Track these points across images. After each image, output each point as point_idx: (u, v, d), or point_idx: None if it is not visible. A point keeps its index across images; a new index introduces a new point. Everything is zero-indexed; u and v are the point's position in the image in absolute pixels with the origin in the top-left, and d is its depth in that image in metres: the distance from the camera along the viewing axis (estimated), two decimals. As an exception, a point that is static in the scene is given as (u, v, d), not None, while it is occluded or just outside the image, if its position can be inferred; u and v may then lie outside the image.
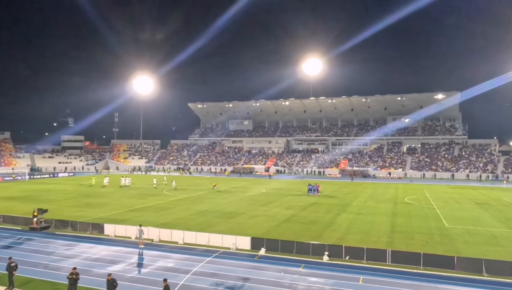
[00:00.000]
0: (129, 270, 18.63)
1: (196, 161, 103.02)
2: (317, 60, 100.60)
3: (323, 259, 20.02)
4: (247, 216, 32.46)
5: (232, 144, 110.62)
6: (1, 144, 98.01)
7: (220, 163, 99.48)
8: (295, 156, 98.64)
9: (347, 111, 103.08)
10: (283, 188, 56.16)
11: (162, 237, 24.13)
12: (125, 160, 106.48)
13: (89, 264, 19.25)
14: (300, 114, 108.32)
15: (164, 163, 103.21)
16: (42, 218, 27.68)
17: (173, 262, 19.70)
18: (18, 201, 40.80)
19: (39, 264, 19.38)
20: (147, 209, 35.67)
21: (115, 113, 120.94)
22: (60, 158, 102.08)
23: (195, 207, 37.29)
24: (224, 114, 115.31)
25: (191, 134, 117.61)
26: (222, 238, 22.88)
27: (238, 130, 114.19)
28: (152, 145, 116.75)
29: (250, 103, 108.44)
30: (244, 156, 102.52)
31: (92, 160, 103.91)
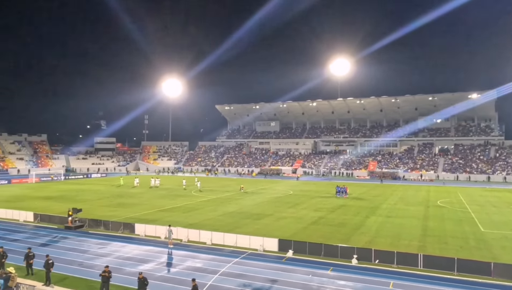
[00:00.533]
0: (159, 269, 19.01)
1: (223, 162, 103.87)
2: (345, 60, 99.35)
3: (351, 262, 19.72)
4: (274, 217, 32.42)
5: (259, 145, 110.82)
6: (38, 146, 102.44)
7: (247, 164, 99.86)
8: (322, 158, 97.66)
9: (376, 112, 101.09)
10: (311, 190, 55.71)
11: (190, 237, 24.48)
12: (154, 161, 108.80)
13: (120, 263, 19.78)
14: (327, 115, 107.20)
15: (192, 165, 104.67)
16: (77, 217, 28.72)
17: (201, 262, 19.94)
18: (54, 200, 42.48)
19: (74, 261, 20.10)
20: (176, 210, 36.29)
21: (145, 116, 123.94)
22: (93, 159, 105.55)
23: (222, 208, 37.61)
24: (251, 116, 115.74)
25: (218, 136, 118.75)
26: (249, 240, 22.96)
27: (265, 131, 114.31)
28: (180, 146, 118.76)
29: (277, 105, 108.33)
30: (271, 157, 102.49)
31: (123, 162, 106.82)
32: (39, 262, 18.08)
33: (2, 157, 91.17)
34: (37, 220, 30.79)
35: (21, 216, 31.80)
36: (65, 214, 29.40)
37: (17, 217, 31.95)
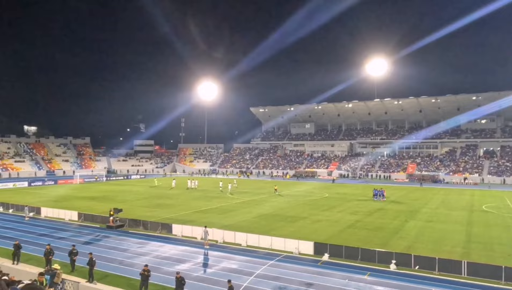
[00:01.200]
0: (195, 269, 19.33)
1: (258, 164, 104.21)
2: (382, 60, 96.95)
3: (390, 268, 19.14)
4: (309, 220, 32.11)
5: (294, 147, 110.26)
6: (82, 148, 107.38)
7: (281, 166, 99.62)
8: (359, 160, 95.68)
9: (415, 113, 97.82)
10: (347, 192, 54.71)
11: (226, 238, 24.73)
12: (190, 163, 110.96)
13: (158, 262, 20.30)
14: (364, 117, 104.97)
15: (227, 167, 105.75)
16: (118, 217, 29.80)
17: (237, 264, 20.08)
18: (96, 200, 44.31)
19: (115, 260, 20.85)
20: (211, 211, 36.79)
21: (181, 119, 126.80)
22: (133, 161, 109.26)
23: (257, 210, 37.71)
24: (285, 118, 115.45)
25: (253, 138, 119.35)
26: (284, 242, 22.86)
27: (299, 133, 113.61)
28: (216, 149, 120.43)
29: (312, 106, 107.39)
30: (306, 159, 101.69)
31: (161, 163, 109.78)
32: (82, 260, 18.91)
33: (50, 159, 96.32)
34: (81, 219, 32.24)
35: (66, 215, 33.44)
36: (107, 214, 30.57)
37: (63, 216, 33.62)
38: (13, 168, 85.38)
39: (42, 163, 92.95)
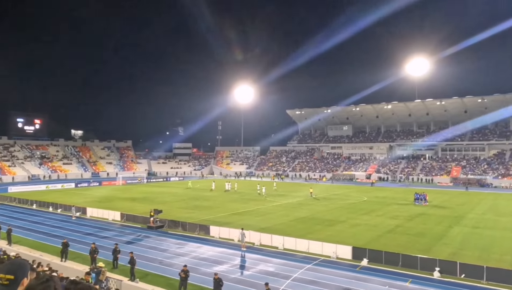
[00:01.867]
0: (232, 271, 19.51)
1: (294, 167, 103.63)
2: (423, 60, 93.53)
3: (433, 275, 18.38)
4: (347, 224, 31.50)
5: (331, 150, 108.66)
6: (124, 151, 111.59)
7: (319, 169, 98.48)
8: (399, 163, 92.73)
9: (459, 113, 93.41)
10: (386, 196, 53.16)
11: (262, 241, 24.77)
12: (227, 166, 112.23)
13: (197, 263, 20.68)
14: (404, 118, 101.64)
15: (264, 169, 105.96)
16: (158, 218, 30.67)
17: (274, 267, 20.05)
18: (138, 202, 45.85)
19: (155, 259, 21.47)
20: (248, 213, 37.00)
21: (218, 122, 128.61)
22: (172, 163, 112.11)
23: (294, 213, 37.48)
24: (322, 120, 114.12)
25: (289, 141, 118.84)
26: (322, 246, 22.58)
27: (337, 135, 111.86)
28: (252, 151, 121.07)
29: (350, 108, 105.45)
30: (343, 162, 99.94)
31: (198, 166, 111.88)
32: (123, 258, 19.62)
33: (94, 161, 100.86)
34: (124, 220, 33.48)
35: (110, 215, 34.87)
36: (148, 215, 31.55)
37: (106, 216, 35.09)
38: (61, 170, 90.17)
39: (87, 165, 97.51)
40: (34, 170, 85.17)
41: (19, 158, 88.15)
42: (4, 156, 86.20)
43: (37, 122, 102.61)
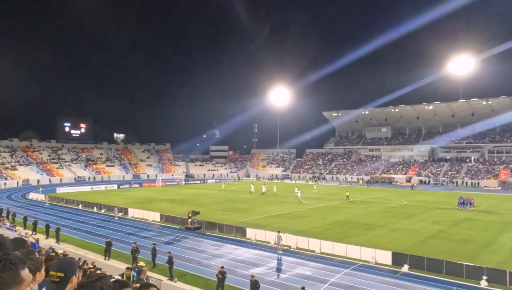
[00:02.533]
0: (269, 273, 19.50)
1: (331, 169, 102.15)
2: (468, 58, 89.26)
3: (480, 284, 17.46)
4: (387, 229, 30.60)
5: (369, 152, 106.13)
6: (163, 154, 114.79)
7: (356, 172, 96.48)
8: (441, 165, 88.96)
9: (508, 113, 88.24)
10: (428, 200, 51.13)
11: (299, 244, 24.59)
12: (263, 168, 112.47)
13: (233, 265, 20.85)
14: (446, 119, 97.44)
15: (300, 172, 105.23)
16: (195, 219, 31.26)
17: (310, 271, 19.84)
18: (176, 203, 46.95)
19: (193, 260, 21.88)
20: (284, 216, 36.86)
21: (254, 124, 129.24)
22: (209, 166, 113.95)
23: (331, 216, 36.93)
24: (360, 122, 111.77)
25: (326, 143, 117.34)
26: (360, 250, 22.08)
27: (375, 137, 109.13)
28: (288, 154, 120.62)
29: (388, 109, 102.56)
30: (382, 165, 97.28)
31: (235, 168, 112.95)
32: (161, 258, 20.15)
33: (135, 163, 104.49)
34: (163, 220, 34.40)
35: (150, 216, 35.96)
36: (186, 216, 32.23)
37: (147, 217, 36.21)
38: (104, 171, 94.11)
39: (129, 167, 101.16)
40: (80, 172, 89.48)
41: (66, 160, 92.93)
42: (53, 158, 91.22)
43: (83, 126, 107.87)
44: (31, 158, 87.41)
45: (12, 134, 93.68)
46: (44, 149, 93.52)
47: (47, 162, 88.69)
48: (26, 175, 78.11)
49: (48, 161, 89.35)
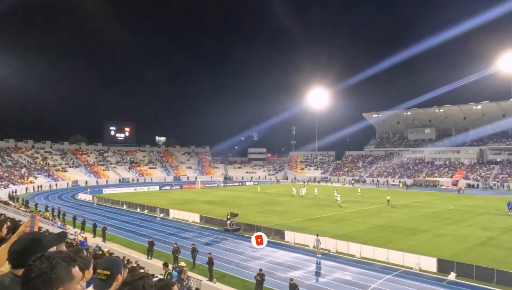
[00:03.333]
0: (307, 277, 19.30)
1: (371, 172, 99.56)
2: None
3: (536, 296, 16.32)
4: (431, 234, 29.35)
5: (412, 154, 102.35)
6: (203, 156, 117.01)
7: (398, 175, 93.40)
8: (491, 168, 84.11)
9: None
10: (477, 205, 48.50)
11: (338, 248, 24.15)
12: (302, 171, 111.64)
13: (272, 267, 20.84)
14: (497, 119, 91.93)
15: (339, 174, 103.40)
16: (234, 221, 31.57)
17: (351, 276, 19.43)
18: (215, 205, 47.66)
19: (232, 261, 22.10)
20: (323, 219, 36.36)
21: (292, 126, 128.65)
22: (247, 168, 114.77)
23: (372, 220, 35.97)
24: (401, 123, 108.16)
25: (366, 145, 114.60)
26: (403, 256, 21.33)
27: (418, 139, 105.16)
28: (327, 156, 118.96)
29: (432, 110, 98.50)
30: (426, 167, 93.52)
31: (273, 171, 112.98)
32: (201, 259, 20.51)
33: (176, 166, 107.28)
34: (202, 222, 35.04)
35: (190, 217, 36.76)
36: (225, 218, 32.63)
37: (187, 218, 37.04)
38: (147, 173, 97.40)
39: (170, 169, 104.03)
40: (124, 174, 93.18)
41: (112, 162, 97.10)
42: (99, 161, 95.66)
43: (127, 130, 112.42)
44: (79, 161, 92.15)
45: (63, 138, 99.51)
46: (91, 152, 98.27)
47: (94, 164, 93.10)
48: (75, 177, 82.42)
49: (95, 163, 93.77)
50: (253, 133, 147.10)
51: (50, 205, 42.37)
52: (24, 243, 2.10)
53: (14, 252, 2.07)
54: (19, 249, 2.08)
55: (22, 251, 2.06)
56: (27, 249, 2.07)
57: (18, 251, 2.07)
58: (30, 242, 2.11)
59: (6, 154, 79.03)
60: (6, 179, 66.40)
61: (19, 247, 2.09)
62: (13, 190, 57.95)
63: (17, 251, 2.07)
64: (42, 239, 2.16)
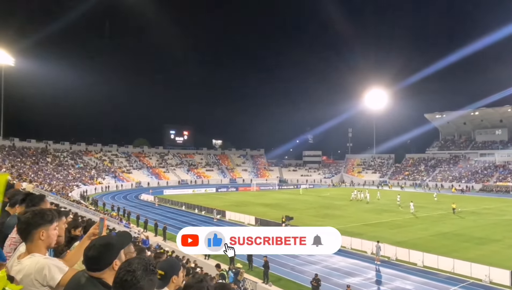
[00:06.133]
0: (365, 284, 18.71)
1: (435, 176, 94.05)
2: None
3: None
4: (504, 244, 27.06)
5: (480, 157, 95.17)
6: (258, 159, 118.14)
7: (465, 179, 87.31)
8: None
9: None
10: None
11: (398, 256, 23.12)
12: (359, 174, 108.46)
13: (328, 272, 20.47)
14: None
15: (399, 178, 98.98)
16: (289, 224, 31.46)
17: (412, 285, 18.52)
18: (270, 207, 47.85)
19: (287, 265, 22.04)
20: (381, 225, 35.02)
21: (348, 128, 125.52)
22: (302, 171, 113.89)
23: (435, 227, 33.97)
24: (468, 124, 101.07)
25: (428, 147, 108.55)
26: (470, 267, 19.89)
27: (487, 141, 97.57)
28: (385, 159, 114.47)
29: (504, 109, 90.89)
30: (497, 171, 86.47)
31: (328, 174, 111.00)
32: (257, 261, 20.66)
33: (232, 168, 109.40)
34: (258, 224, 35.30)
35: (245, 219, 37.25)
36: (279, 221, 32.65)
37: (242, 219, 37.58)
38: (204, 176, 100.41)
39: (226, 172, 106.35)
40: (183, 176, 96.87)
41: (172, 165, 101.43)
42: (160, 163, 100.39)
43: (185, 133, 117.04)
44: (142, 163, 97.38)
45: (128, 142, 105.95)
46: (153, 155, 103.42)
47: (156, 166, 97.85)
48: (139, 178, 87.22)
49: (157, 165, 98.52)
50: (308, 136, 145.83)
51: (116, 205, 45.26)
52: (99, 249, 2.29)
53: (91, 258, 2.28)
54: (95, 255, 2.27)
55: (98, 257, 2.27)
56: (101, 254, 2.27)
57: (94, 257, 2.27)
58: (104, 248, 2.30)
59: (78, 157, 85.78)
60: (78, 180, 72.03)
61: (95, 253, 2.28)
62: (84, 190, 62.65)
63: (93, 257, 2.27)
64: (114, 244, 2.35)
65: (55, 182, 61.76)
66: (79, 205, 36.84)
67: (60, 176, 69.92)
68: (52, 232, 2.72)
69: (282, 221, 31.59)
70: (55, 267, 2.48)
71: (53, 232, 2.73)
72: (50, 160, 77.59)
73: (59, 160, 79.57)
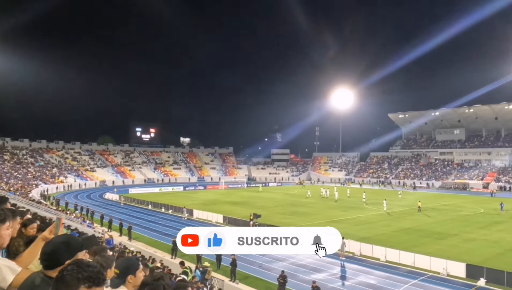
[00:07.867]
0: (331, 280, 19.12)
1: (397, 174, 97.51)
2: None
3: None
4: (460, 238, 28.47)
5: (440, 156, 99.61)
6: (226, 157, 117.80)
7: (425, 177, 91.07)
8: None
9: None
10: (510, 209, 46.61)
11: (363, 251, 23.79)
12: (325, 172, 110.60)
13: (295, 269, 20.76)
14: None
15: (364, 176, 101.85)
16: (257, 222, 31.61)
17: (375, 279, 19.11)
18: (238, 205, 47.87)
19: (255, 262, 22.14)
20: (347, 222, 35.90)
21: (316, 127, 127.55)
22: (270, 169, 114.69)
23: (397, 223, 35.24)
24: (429, 123, 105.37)
25: (391, 146, 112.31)
26: (430, 260, 20.79)
27: (446, 140, 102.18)
28: (351, 157, 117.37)
29: (462, 110, 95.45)
30: (455, 169, 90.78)
31: (296, 172, 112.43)
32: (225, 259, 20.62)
33: (200, 166, 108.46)
34: (226, 222, 35.25)
35: (213, 218, 37.08)
36: (247, 218, 32.73)
37: (210, 218, 37.39)
38: (172, 174, 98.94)
39: (194, 170, 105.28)
40: (150, 174, 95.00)
41: (138, 163, 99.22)
42: (126, 161, 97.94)
43: (152, 131, 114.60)
44: (107, 161, 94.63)
45: (91, 139, 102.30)
46: (118, 153, 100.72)
47: (121, 164, 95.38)
48: (103, 177, 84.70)
49: (122, 163, 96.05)
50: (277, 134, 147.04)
51: (79, 204, 43.75)
52: (57, 246, 2.21)
53: (46, 253, 2.18)
54: (50, 251, 2.18)
55: (52, 253, 2.17)
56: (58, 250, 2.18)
57: (50, 253, 2.18)
58: (62, 245, 2.22)
59: (38, 155, 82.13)
60: (39, 178, 69.01)
61: (50, 249, 2.19)
62: (44, 189, 60.13)
63: (49, 253, 2.18)
64: (72, 243, 2.26)
65: (13, 181, 58.91)
66: (39, 204, 35.28)
67: (19, 175, 66.76)
68: (4, 232, 2.59)
69: (250, 219, 31.69)
70: (6, 268, 2.36)
71: (5, 232, 2.60)
72: (8, 158, 73.90)
73: (17, 158, 75.93)
